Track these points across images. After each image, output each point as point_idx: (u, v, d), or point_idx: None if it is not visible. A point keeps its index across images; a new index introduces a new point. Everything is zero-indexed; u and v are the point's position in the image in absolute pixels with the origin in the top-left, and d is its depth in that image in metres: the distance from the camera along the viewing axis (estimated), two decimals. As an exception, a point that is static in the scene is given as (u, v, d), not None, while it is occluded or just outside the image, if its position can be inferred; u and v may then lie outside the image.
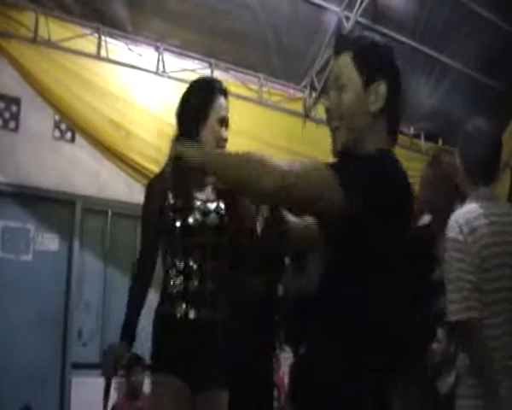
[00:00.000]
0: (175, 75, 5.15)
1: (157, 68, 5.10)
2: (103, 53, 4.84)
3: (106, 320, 5.69)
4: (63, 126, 5.58)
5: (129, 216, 5.76)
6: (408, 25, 5.49)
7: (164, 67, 5.12)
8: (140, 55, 5.06)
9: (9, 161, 5.29)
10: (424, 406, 2.75)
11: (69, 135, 5.63)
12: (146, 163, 4.86)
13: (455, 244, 2.14)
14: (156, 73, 5.11)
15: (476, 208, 2.19)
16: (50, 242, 5.53)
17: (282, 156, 5.36)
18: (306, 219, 1.63)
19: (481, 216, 2.17)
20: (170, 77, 5.15)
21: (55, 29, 4.64)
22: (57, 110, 4.86)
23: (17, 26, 4.50)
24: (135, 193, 5.03)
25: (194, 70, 5.24)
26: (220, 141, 2.32)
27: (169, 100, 4.82)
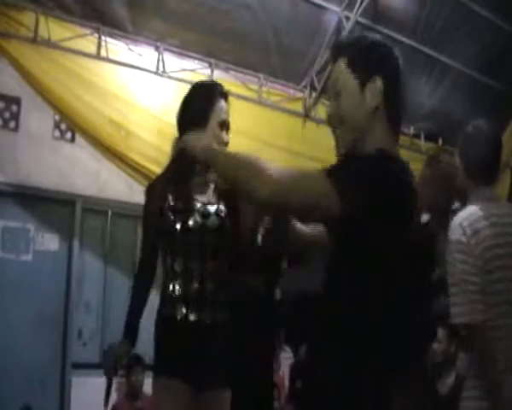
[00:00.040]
0: (175, 75, 5.15)
1: (157, 68, 5.10)
2: (103, 53, 4.84)
3: (106, 320, 5.70)
4: (63, 126, 5.58)
5: (129, 216, 5.76)
6: (408, 25, 5.49)
7: (164, 67, 5.12)
8: (140, 55, 5.06)
9: (9, 161, 5.29)
10: (424, 406, 2.75)
11: (69, 135, 5.63)
12: (146, 163, 4.86)
13: (458, 246, 2.14)
14: (156, 73, 5.11)
15: (478, 210, 2.18)
16: (50, 242, 5.53)
17: (282, 156, 5.37)
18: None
19: (484, 217, 2.16)
20: (170, 77, 5.14)
21: (55, 29, 4.64)
22: (57, 110, 4.86)
23: (17, 26, 4.50)
24: (135, 193, 5.03)
25: (194, 70, 5.24)
26: (221, 144, 2.32)
27: (169, 100, 4.83)
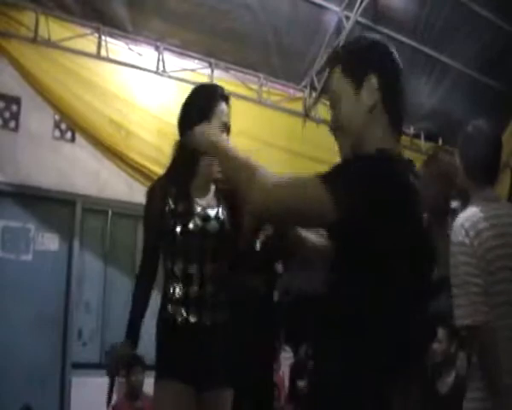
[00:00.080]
0: (175, 75, 5.15)
1: (157, 68, 5.09)
2: (103, 53, 4.83)
3: (106, 320, 5.70)
4: (63, 126, 5.59)
5: (129, 216, 5.76)
6: (408, 25, 5.48)
7: (164, 67, 5.12)
8: (140, 54, 5.05)
9: (9, 161, 5.29)
10: (424, 406, 2.75)
11: (69, 135, 5.64)
12: (146, 163, 4.86)
13: (461, 248, 2.13)
14: (156, 73, 5.10)
15: (480, 211, 2.18)
16: (50, 242, 5.53)
17: (282, 156, 5.37)
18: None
19: (486, 218, 2.16)
20: (170, 76, 5.14)
21: (55, 29, 4.63)
22: (57, 110, 4.86)
23: (17, 26, 4.50)
24: (135, 193, 5.03)
25: (194, 70, 5.24)
26: None
27: (169, 100, 4.83)
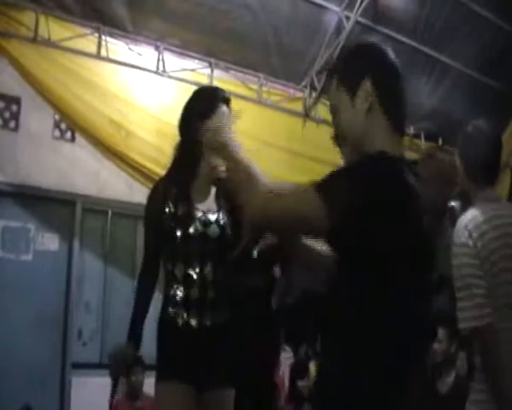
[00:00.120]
0: (175, 75, 5.15)
1: (157, 68, 5.09)
2: (103, 53, 4.83)
3: (106, 320, 5.70)
4: (63, 126, 5.59)
5: (129, 216, 5.76)
6: (408, 25, 5.48)
7: (164, 67, 5.12)
8: (140, 54, 5.05)
9: (9, 161, 5.29)
10: (424, 406, 2.74)
11: (69, 134, 5.63)
12: (146, 163, 4.86)
13: (464, 249, 2.12)
14: (156, 73, 5.10)
15: (483, 212, 2.17)
16: (50, 242, 5.53)
17: (282, 156, 5.38)
18: None
19: (488, 219, 2.15)
20: (170, 76, 5.14)
21: (55, 29, 4.63)
22: (57, 110, 4.86)
23: (17, 26, 4.50)
24: (135, 193, 5.03)
25: (194, 70, 5.24)
26: None
27: (169, 100, 4.84)
